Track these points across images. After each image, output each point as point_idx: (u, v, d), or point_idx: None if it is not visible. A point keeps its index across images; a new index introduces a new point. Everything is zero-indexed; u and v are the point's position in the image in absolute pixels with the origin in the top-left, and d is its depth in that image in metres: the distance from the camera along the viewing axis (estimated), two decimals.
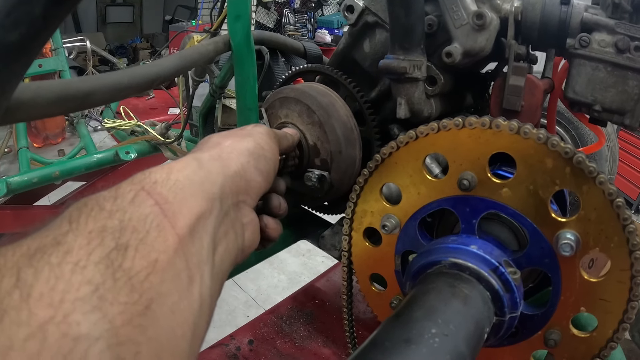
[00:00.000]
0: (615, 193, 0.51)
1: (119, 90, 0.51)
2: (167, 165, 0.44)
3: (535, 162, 0.54)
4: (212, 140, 0.55)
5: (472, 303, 0.52)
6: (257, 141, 0.57)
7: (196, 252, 0.40)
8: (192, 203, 0.41)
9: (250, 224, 0.54)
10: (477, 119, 0.57)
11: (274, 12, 9.23)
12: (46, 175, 1.71)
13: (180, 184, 0.42)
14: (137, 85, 0.54)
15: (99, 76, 0.49)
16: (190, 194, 0.42)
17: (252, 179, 0.53)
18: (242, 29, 0.79)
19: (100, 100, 0.49)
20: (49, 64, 2.18)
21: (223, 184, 0.47)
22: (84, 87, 0.47)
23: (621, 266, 0.54)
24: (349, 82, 0.83)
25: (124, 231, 0.35)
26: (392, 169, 0.66)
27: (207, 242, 0.42)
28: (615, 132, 1.37)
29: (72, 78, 0.47)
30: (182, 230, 0.39)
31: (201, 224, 0.42)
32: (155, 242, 0.36)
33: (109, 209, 0.36)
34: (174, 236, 0.38)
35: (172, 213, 0.39)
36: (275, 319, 1.24)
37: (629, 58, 0.63)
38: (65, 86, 0.45)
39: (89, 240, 0.33)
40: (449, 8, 0.72)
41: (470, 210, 0.60)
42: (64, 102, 0.45)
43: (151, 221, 0.37)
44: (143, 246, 0.35)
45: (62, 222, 0.34)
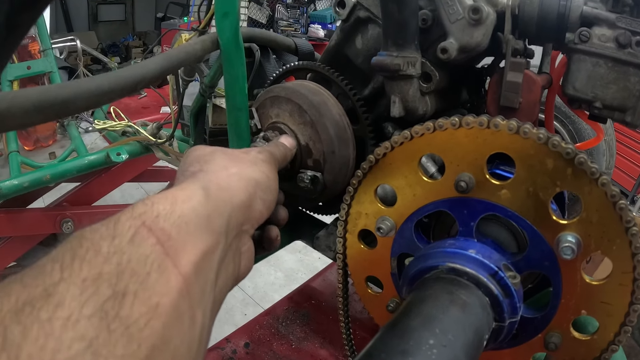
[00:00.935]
0: (618, 195, 0.49)
1: (100, 95, 0.48)
2: (172, 194, 0.41)
3: (536, 162, 0.53)
4: (217, 162, 0.51)
5: (471, 310, 0.50)
6: (263, 170, 0.55)
7: (200, 290, 0.38)
8: (197, 239, 0.39)
9: (247, 252, 0.53)
10: (474, 118, 0.55)
11: (266, 7, 9.19)
12: (37, 179, 1.68)
13: (186, 217, 0.39)
14: (120, 89, 0.52)
15: (79, 82, 0.47)
16: (195, 228, 0.39)
17: (255, 210, 0.52)
18: (230, 27, 0.76)
19: (81, 107, 0.47)
20: (38, 66, 2.14)
21: (230, 215, 0.45)
22: (62, 94, 0.44)
23: (623, 269, 0.53)
24: (341, 80, 0.81)
25: (121, 276, 0.33)
26: (386, 170, 0.64)
27: (211, 278, 0.40)
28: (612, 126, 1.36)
29: (51, 85, 0.45)
30: (186, 269, 0.36)
31: (207, 260, 0.39)
32: (157, 284, 0.34)
33: (106, 252, 0.34)
34: (177, 276, 0.35)
35: (175, 251, 0.36)
36: (271, 320, 1.23)
37: (631, 53, 0.61)
38: (43, 94, 0.43)
39: (82, 289, 0.31)
40: (444, 2, 0.69)
41: (468, 213, 0.58)
42: (43, 110, 0.43)
43: (152, 262, 0.34)
44: (143, 291, 0.33)
45: (53, 268, 0.32)
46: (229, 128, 0.84)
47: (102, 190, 2.42)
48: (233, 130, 0.83)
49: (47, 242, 2.41)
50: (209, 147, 0.56)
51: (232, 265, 0.48)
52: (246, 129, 0.83)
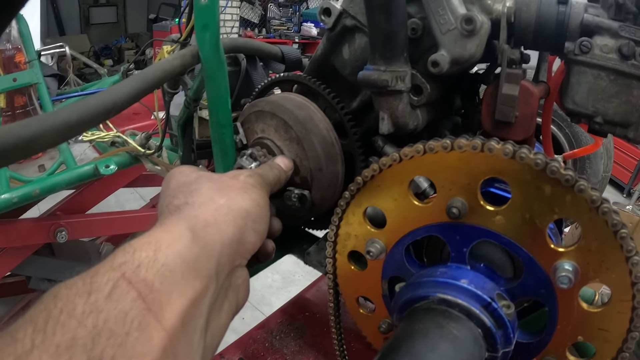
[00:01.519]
0: (619, 223, 0.46)
1: (69, 128, 0.45)
2: (155, 238, 0.38)
3: (532, 189, 0.50)
4: (203, 193, 0.48)
5: (462, 345, 0.48)
6: (253, 198, 0.51)
7: (187, 342, 0.35)
8: (183, 287, 0.36)
9: (243, 283, 0.49)
10: (467, 141, 0.51)
11: (258, 7, 9.16)
12: (26, 194, 1.66)
13: (171, 264, 0.36)
14: (91, 120, 0.48)
15: (43, 117, 0.43)
16: (181, 276, 0.36)
17: (248, 242, 0.48)
18: (211, 40, 0.73)
19: (48, 144, 0.44)
20: (24, 78, 2.11)
21: (220, 255, 0.42)
22: (26, 134, 0.41)
23: (622, 297, 0.51)
24: (328, 92, 0.78)
25: (97, 339, 0.30)
26: (375, 192, 0.61)
27: (200, 326, 0.37)
28: None
29: (12, 125, 0.42)
30: (170, 323, 0.34)
31: (196, 308, 0.37)
32: (137, 345, 0.31)
33: (81, 312, 0.31)
34: (160, 332, 0.33)
35: (158, 305, 0.33)
36: (265, 334, 1.21)
37: (634, 65, 0.57)
38: (4, 136, 0.39)
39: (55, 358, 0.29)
40: (435, 11, 0.66)
41: (461, 239, 0.55)
42: (6, 154, 0.40)
43: (132, 320, 0.32)
44: (121, 355, 0.30)
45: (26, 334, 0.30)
46: (213, 144, 0.81)
47: (96, 198, 2.39)
48: (218, 147, 0.80)
49: (42, 252, 2.38)
50: (193, 172, 0.53)
51: (227, 304, 0.45)
52: (231, 145, 0.80)
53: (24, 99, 2.26)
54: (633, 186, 6.83)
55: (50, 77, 2.54)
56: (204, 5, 0.72)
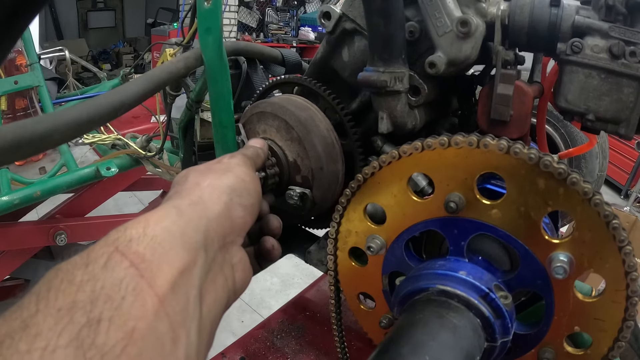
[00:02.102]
0: (611, 215, 0.48)
1: (79, 126, 0.47)
2: (144, 218, 0.40)
3: (527, 182, 0.51)
4: (190, 180, 0.51)
5: (462, 333, 0.50)
6: (237, 174, 0.53)
7: (181, 309, 0.37)
8: (172, 257, 0.38)
9: (240, 262, 0.51)
10: (463, 137, 0.53)
11: (256, 11, 9.19)
12: (27, 196, 1.66)
13: (159, 238, 0.38)
14: (100, 118, 0.50)
15: (56, 114, 0.45)
16: (169, 247, 0.38)
17: (237, 217, 0.50)
18: (214, 43, 0.75)
19: (59, 140, 0.45)
20: (25, 80, 2.12)
21: (207, 229, 0.44)
22: (39, 130, 0.43)
23: (616, 287, 0.52)
24: (328, 94, 0.79)
25: (95, 302, 0.32)
26: (375, 189, 0.62)
27: (193, 295, 0.39)
28: None
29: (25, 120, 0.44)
30: (162, 289, 0.35)
31: (185, 277, 0.38)
32: (132, 308, 0.33)
33: (80, 280, 0.33)
34: (153, 297, 0.35)
35: (150, 272, 0.36)
36: (266, 333, 1.22)
37: (624, 64, 0.59)
38: (19, 131, 0.41)
39: (57, 319, 0.31)
40: (431, 15, 0.68)
41: (459, 232, 0.57)
42: (19, 149, 0.41)
43: (126, 285, 0.34)
44: (118, 316, 0.32)
45: (30, 301, 0.32)
46: (215, 145, 0.82)
47: (96, 201, 2.40)
48: (220, 147, 0.82)
49: (41, 255, 2.38)
50: (185, 170, 0.55)
51: (223, 279, 0.47)
52: (233, 146, 0.81)
53: (25, 102, 2.27)
54: (630, 187, 6.86)
55: (50, 81, 2.54)
56: (207, 8, 0.74)
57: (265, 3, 9.34)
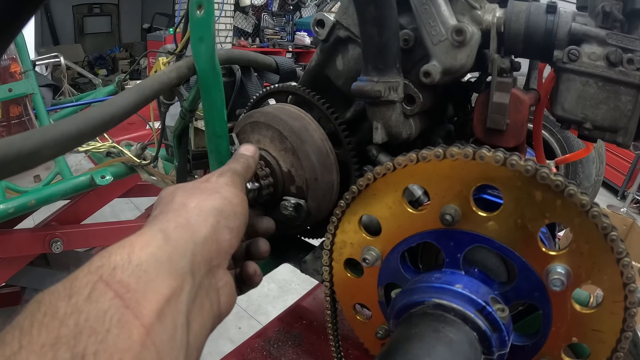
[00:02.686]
0: (609, 226, 0.47)
1: (69, 141, 0.46)
2: (129, 242, 0.39)
3: (524, 194, 0.51)
4: (177, 200, 0.49)
5: (458, 348, 0.49)
6: (224, 196, 0.52)
7: (168, 338, 0.36)
8: (158, 285, 0.37)
9: (225, 286, 0.50)
10: (459, 149, 0.53)
11: (252, 16, 9.20)
12: (22, 205, 1.65)
13: (144, 265, 0.38)
14: (91, 132, 0.49)
15: (44, 129, 0.44)
16: (155, 274, 0.38)
17: (223, 240, 0.49)
18: (206, 52, 0.74)
19: (49, 156, 0.44)
20: (19, 88, 2.10)
21: (193, 253, 0.43)
22: (27, 146, 0.42)
23: (614, 298, 0.52)
24: (322, 103, 0.79)
25: (79, 337, 0.32)
26: (369, 201, 0.62)
27: (180, 322, 0.38)
28: None
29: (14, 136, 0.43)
30: (148, 319, 0.35)
31: (171, 305, 0.38)
32: (118, 340, 0.33)
33: (63, 313, 0.33)
34: (139, 328, 0.34)
35: (135, 302, 0.35)
36: (262, 342, 1.21)
37: (622, 72, 0.59)
38: (5, 148, 0.40)
39: (40, 356, 0.31)
40: (426, 23, 0.67)
41: (455, 245, 0.56)
42: (6, 166, 0.40)
43: (111, 317, 0.33)
44: (103, 350, 0.32)
45: (13, 336, 0.32)
46: (209, 155, 0.81)
47: (92, 208, 2.39)
48: (214, 157, 0.81)
49: (37, 263, 2.37)
50: (171, 187, 0.54)
51: (209, 304, 0.46)
52: (227, 155, 0.80)
53: (19, 109, 2.26)
54: (627, 189, 6.87)
55: (45, 87, 2.53)
56: (200, 17, 0.73)
57: (261, 8, 9.36)
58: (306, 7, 10.36)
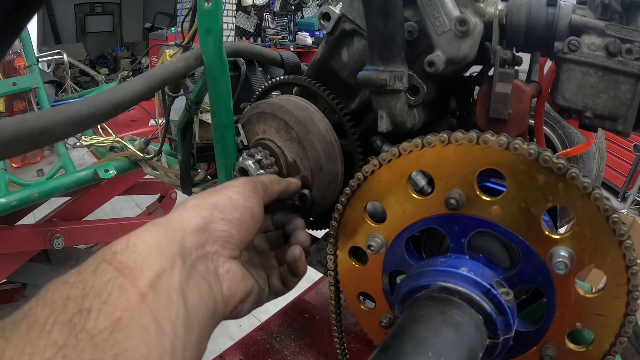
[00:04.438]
0: (611, 209, 0.48)
1: (80, 122, 0.47)
2: (127, 235, 0.47)
3: (527, 178, 0.52)
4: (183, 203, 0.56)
5: (464, 330, 0.50)
6: (225, 193, 0.58)
7: (164, 306, 0.42)
8: (150, 263, 0.44)
9: (227, 273, 0.55)
10: (463, 134, 0.53)
11: (253, 16, 9.21)
12: (25, 198, 1.66)
13: (139, 249, 0.44)
14: (101, 114, 0.50)
15: (57, 109, 0.45)
16: (148, 255, 0.44)
17: (217, 230, 0.54)
18: (214, 43, 0.75)
19: (60, 135, 0.46)
20: (24, 82, 2.11)
21: (182, 240, 0.49)
22: (40, 124, 0.43)
23: (617, 281, 0.52)
24: (327, 94, 0.79)
25: (86, 297, 0.38)
26: (375, 188, 0.62)
27: (174, 295, 0.44)
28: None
29: (27, 114, 0.44)
30: (143, 288, 0.41)
31: (164, 280, 0.44)
32: (118, 302, 0.39)
33: (72, 281, 0.39)
34: (136, 294, 0.40)
35: (132, 275, 0.41)
36: (265, 335, 1.22)
37: (621, 61, 0.60)
38: (18, 125, 0.41)
39: (52, 309, 0.37)
40: (430, 14, 0.68)
41: (459, 229, 0.57)
42: (20, 142, 0.42)
43: (112, 285, 0.40)
44: (106, 307, 0.38)
45: (32, 301, 0.38)
46: (215, 145, 0.82)
47: (93, 205, 2.40)
48: (219, 147, 0.82)
49: (38, 259, 2.37)
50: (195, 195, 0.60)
51: (207, 285, 0.51)
52: (232, 146, 0.81)
53: (23, 104, 2.27)
54: (627, 190, 6.88)
55: (48, 84, 2.54)
56: (208, 9, 0.74)
57: (263, 8, 9.37)
58: (308, 7, 10.37)
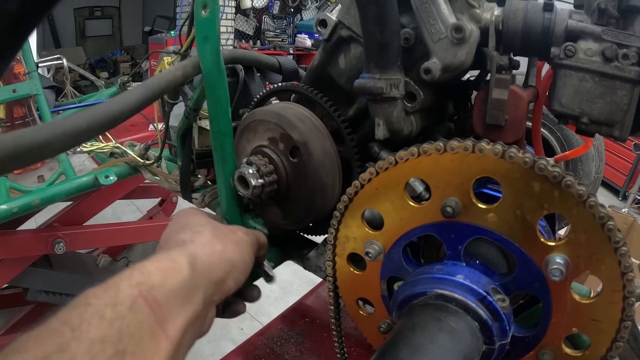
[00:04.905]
0: (606, 216, 0.49)
1: (79, 135, 0.48)
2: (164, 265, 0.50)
3: (522, 186, 0.52)
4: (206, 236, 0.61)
5: (460, 336, 0.50)
6: (241, 253, 0.64)
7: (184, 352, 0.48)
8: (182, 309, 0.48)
9: (211, 317, 0.61)
10: (459, 143, 0.54)
11: (252, 19, 9.22)
12: (26, 204, 1.66)
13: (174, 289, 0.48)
14: (99, 127, 0.51)
15: (56, 123, 0.45)
16: (182, 300, 0.49)
17: (227, 286, 0.60)
18: (211, 51, 0.76)
19: (59, 149, 0.46)
20: (23, 89, 2.12)
21: (206, 289, 0.54)
22: (39, 139, 0.43)
23: (613, 287, 0.52)
24: (325, 101, 0.80)
25: (122, 338, 0.41)
26: (372, 195, 0.63)
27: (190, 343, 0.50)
28: None
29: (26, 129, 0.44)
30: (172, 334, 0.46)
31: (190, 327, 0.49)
32: (150, 346, 0.43)
33: (109, 317, 0.42)
34: (166, 341, 0.45)
35: (164, 319, 0.46)
36: (266, 340, 1.22)
37: (617, 67, 0.60)
38: (18, 140, 0.42)
39: (90, 347, 0.39)
40: (426, 21, 0.69)
41: (456, 237, 0.58)
42: (20, 158, 0.42)
43: (146, 328, 0.43)
44: (140, 351, 0.42)
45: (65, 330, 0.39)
46: (214, 152, 0.83)
47: (94, 210, 2.40)
48: (218, 155, 0.82)
49: (40, 264, 2.38)
50: (203, 217, 0.68)
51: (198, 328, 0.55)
52: (231, 153, 0.82)
53: (23, 110, 2.27)
54: (628, 189, 6.88)
55: (48, 89, 2.54)
56: (205, 17, 0.75)
57: (262, 11, 9.38)
58: (307, 10, 10.39)
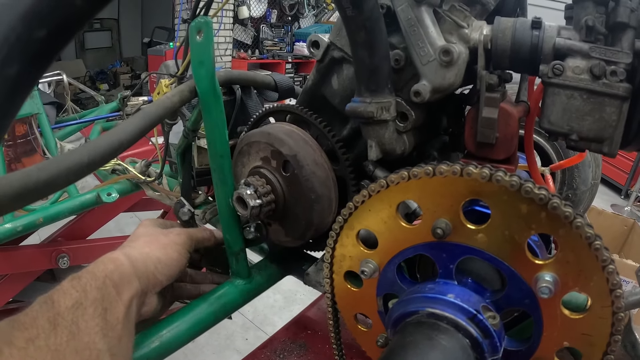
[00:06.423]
0: (593, 236, 0.50)
1: (81, 170, 0.49)
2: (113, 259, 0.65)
3: (510, 208, 0.53)
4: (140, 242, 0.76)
5: (451, 354, 0.52)
6: (167, 253, 0.75)
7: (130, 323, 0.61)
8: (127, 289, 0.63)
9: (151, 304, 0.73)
10: (447, 166, 0.55)
11: (250, 28, 9.25)
12: (30, 223, 1.69)
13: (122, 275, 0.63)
14: (100, 159, 0.53)
15: (59, 160, 0.47)
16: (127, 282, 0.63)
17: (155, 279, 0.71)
18: (207, 75, 0.77)
19: (63, 184, 0.48)
20: (24, 108, 2.15)
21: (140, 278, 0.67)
22: (44, 177, 0.45)
23: (602, 304, 0.54)
24: (319, 122, 0.82)
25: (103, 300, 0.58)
26: (366, 216, 0.64)
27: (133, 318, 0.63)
28: None
29: (30, 168, 0.46)
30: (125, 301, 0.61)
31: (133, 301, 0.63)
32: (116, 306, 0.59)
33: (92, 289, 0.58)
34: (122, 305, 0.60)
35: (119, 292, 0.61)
36: (268, 353, 1.23)
37: (605, 84, 0.60)
38: (25, 180, 0.43)
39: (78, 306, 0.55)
40: (415, 44, 0.70)
41: (447, 256, 0.59)
42: (25, 197, 0.44)
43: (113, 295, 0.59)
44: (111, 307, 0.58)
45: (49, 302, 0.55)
46: (212, 174, 0.85)
47: (97, 223, 2.43)
48: (217, 176, 0.84)
49: (44, 278, 2.40)
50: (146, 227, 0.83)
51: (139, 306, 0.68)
52: (229, 174, 0.84)
53: (24, 128, 2.30)
54: (630, 187, 6.88)
55: (49, 105, 2.57)
56: (200, 42, 0.77)
57: (260, 20, 9.41)
58: (304, 18, 10.43)
